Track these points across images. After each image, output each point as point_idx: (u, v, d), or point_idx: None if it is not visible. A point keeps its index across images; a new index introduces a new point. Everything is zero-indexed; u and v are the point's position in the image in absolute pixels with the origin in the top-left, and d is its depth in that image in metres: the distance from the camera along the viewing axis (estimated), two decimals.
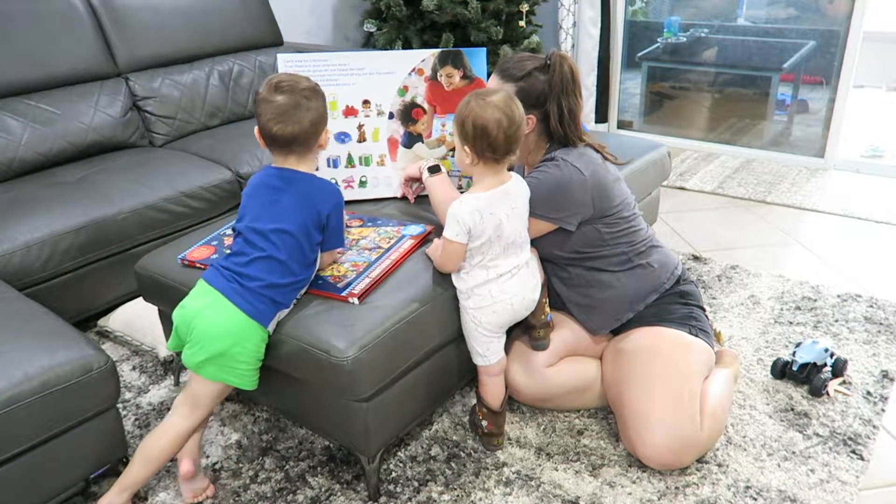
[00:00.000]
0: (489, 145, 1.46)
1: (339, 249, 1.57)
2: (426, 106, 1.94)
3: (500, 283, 1.55)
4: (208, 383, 1.45)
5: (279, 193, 1.45)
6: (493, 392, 1.67)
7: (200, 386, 1.46)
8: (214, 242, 1.75)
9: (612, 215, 1.70)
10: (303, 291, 1.52)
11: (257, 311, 1.41)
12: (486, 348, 1.61)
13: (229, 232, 1.79)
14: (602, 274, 1.74)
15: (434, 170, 1.77)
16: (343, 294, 1.50)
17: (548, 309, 1.69)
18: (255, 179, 1.50)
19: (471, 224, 1.48)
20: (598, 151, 1.72)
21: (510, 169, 1.60)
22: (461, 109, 1.48)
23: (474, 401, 1.75)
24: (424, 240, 1.72)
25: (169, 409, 1.89)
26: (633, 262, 1.74)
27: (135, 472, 1.46)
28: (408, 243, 1.69)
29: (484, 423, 1.68)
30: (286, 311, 1.48)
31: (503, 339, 1.64)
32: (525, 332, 1.73)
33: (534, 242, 1.69)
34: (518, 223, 1.55)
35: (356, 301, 1.49)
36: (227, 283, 1.42)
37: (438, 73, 1.92)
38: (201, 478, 1.58)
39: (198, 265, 1.67)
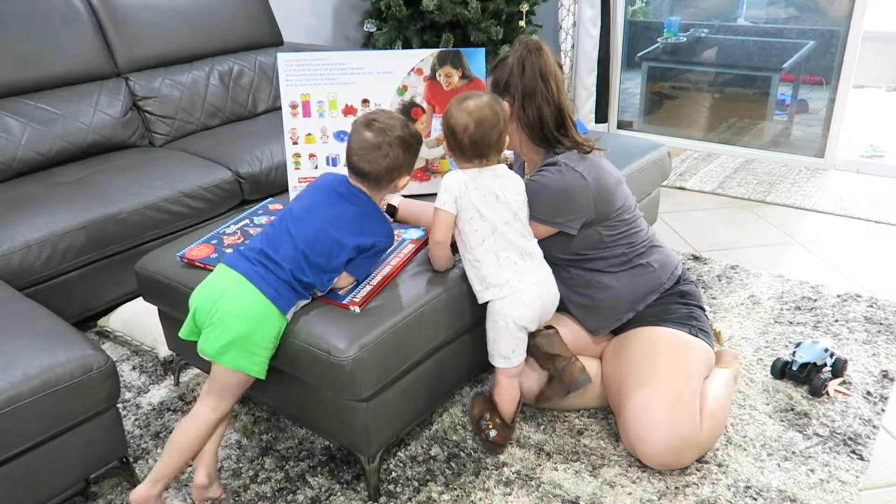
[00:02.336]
0: (457, 146, 1.54)
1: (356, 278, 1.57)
2: (425, 105, 1.95)
3: (516, 270, 1.55)
4: (229, 372, 1.43)
5: (342, 202, 1.49)
6: (509, 396, 1.65)
7: (222, 374, 1.45)
8: (214, 241, 1.75)
9: (613, 218, 1.69)
10: (318, 293, 1.52)
11: (279, 295, 1.42)
12: (513, 349, 1.59)
13: (229, 231, 1.79)
14: (602, 275, 1.74)
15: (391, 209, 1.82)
16: (345, 302, 1.50)
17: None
18: (324, 177, 1.54)
19: (457, 192, 1.53)
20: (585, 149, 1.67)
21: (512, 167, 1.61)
22: (446, 108, 1.57)
23: (474, 402, 1.74)
24: (425, 244, 1.72)
25: (169, 409, 1.89)
26: (633, 262, 1.73)
27: (167, 463, 1.46)
28: (408, 248, 1.69)
29: (493, 432, 1.66)
30: (305, 302, 1.50)
31: (526, 339, 1.63)
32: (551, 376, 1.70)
33: None
34: (507, 208, 1.55)
35: (358, 309, 1.49)
36: (251, 266, 1.42)
37: (437, 73, 1.92)
38: (215, 487, 1.53)
39: (197, 263, 1.67)
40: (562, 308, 1.81)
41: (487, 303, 1.59)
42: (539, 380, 1.73)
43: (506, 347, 1.60)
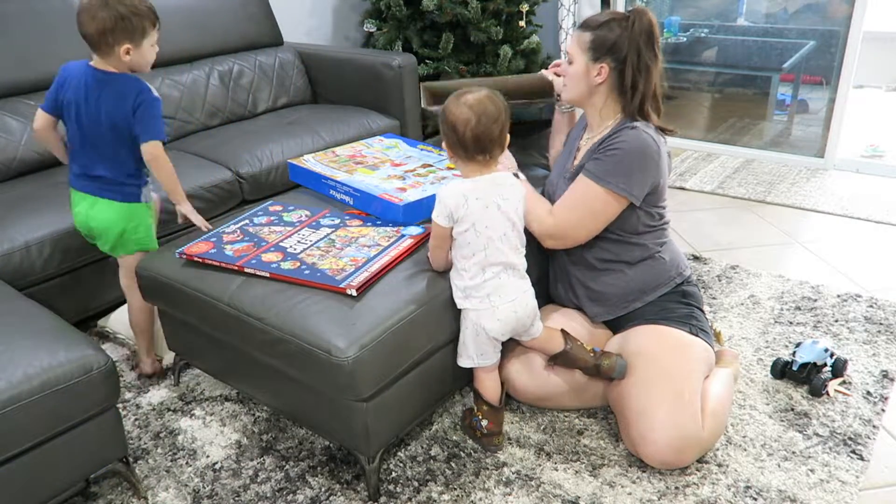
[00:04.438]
0: (459, 142, 1.50)
1: (158, 141, 1.71)
2: None
3: (498, 284, 1.54)
4: (128, 256, 1.86)
5: (91, 93, 1.68)
6: (490, 386, 1.67)
7: (125, 259, 1.87)
8: (213, 239, 1.75)
9: (658, 206, 1.74)
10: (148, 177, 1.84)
11: (126, 195, 1.76)
12: (480, 353, 1.61)
13: (229, 230, 1.79)
14: (617, 263, 1.76)
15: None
16: (341, 285, 1.49)
17: (588, 347, 1.68)
18: (75, 69, 1.71)
19: (452, 207, 1.49)
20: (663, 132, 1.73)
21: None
22: (444, 106, 1.54)
23: (472, 403, 1.74)
24: (424, 240, 1.72)
25: (169, 409, 1.90)
26: (651, 256, 1.77)
27: (140, 343, 1.98)
28: (407, 242, 1.69)
29: (484, 422, 1.68)
30: (150, 183, 1.82)
31: (499, 347, 1.64)
32: (592, 376, 1.70)
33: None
34: (506, 219, 1.54)
35: (354, 292, 1.48)
36: (91, 184, 1.74)
37: None
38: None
39: (196, 259, 1.67)
40: (572, 299, 1.83)
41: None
42: (532, 378, 1.74)
43: (473, 351, 1.61)
